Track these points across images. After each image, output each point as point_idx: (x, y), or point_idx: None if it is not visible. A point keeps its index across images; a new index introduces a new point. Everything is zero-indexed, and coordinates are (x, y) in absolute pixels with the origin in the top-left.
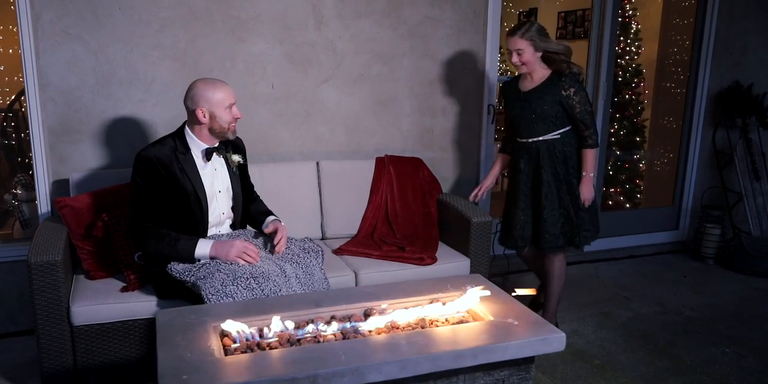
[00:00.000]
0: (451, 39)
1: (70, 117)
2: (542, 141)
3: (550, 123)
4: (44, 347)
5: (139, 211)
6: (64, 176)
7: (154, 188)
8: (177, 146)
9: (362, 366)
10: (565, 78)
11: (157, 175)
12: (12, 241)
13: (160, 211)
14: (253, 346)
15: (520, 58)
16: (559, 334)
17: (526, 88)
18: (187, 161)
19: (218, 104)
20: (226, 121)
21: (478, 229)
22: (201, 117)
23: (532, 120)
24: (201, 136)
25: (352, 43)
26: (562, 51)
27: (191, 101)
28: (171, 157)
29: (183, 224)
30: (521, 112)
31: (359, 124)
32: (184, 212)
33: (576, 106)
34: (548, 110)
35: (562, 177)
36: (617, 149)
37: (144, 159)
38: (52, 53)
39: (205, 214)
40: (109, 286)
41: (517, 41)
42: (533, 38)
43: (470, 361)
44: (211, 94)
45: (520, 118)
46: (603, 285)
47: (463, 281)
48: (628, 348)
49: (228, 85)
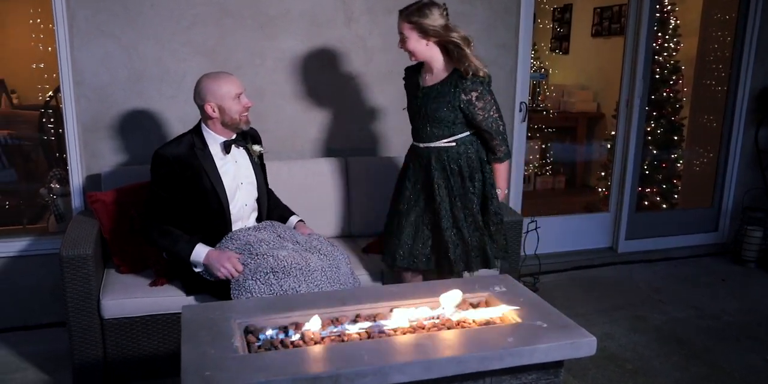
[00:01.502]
0: (482, 35)
1: (102, 113)
2: (434, 148)
3: (445, 128)
4: (75, 339)
5: (149, 206)
6: (97, 171)
7: (168, 186)
8: (195, 142)
9: (386, 366)
10: (466, 79)
11: (173, 174)
12: (47, 235)
13: (170, 209)
14: (276, 343)
15: (403, 45)
16: (590, 338)
17: (425, 83)
18: (206, 157)
19: (225, 96)
20: (236, 111)
21: (508, 229)
22: (210, 112)
23: (424, 122)
24: (216, 130)
25: (382, 40)
26: (457, 40)
27: (199, 98)
28: (189, 154)
29: (205, 221)
30: (417, 108)
31: (388, 121)
32: (205, 209)
33: (478, 113)
34: (444, 115)
35: (456, 192)
36: (654, 148)
37: (161, 157)
38: (86, 50)
39: (226, 210)
40: (138, 280)
41: (400, 24)
42: (418, 21)
43: (496, 364)
44: (216, 87)
45: (414, 115)
46: (637, 287)
47: (491, 281)
48: (662, 353)
49: (233, 75)
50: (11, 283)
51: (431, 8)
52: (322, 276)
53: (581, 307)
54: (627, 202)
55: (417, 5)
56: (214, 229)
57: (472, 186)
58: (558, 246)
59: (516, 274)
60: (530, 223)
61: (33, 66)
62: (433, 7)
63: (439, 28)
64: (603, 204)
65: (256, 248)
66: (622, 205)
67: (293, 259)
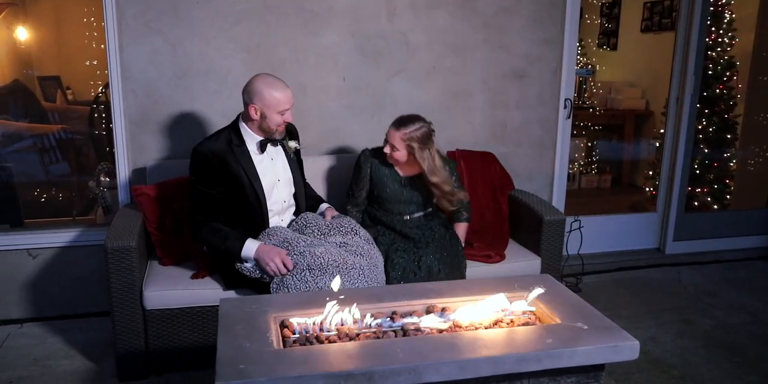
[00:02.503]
0: (527, 31)
1: (149, 108)
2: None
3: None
4: (119, 329)
5: (195, 204)
6: (142, 165)
7: (208, 183)
8: (232, 139)
9: (420, 365)
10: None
11: (212, 170)
12: (95, 226)
13: (214, 205)
14: (312, 338)
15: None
16: (632, 342)
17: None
18: (243, 154)
19: (271, 107)
20: (275, 123)
21: (550, 228)
22: (252, 113)
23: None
24: (253, 129)
25: (425, 35)
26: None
27: (247, 95)
28: (226, 150)
29: (242, 216)
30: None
31: (430, 117)
32: (243, 204)
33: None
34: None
35: None
36: (705, 147)
37: (199, 154)
38: (134, 46)
39: (264, 205)
40: (180, 273)
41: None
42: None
43: (534, 366)
44: (268, 94)
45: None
46: (685, 290)
47: (531, 281)
48: (711, 359)
49: (288, 89)
50: (62, 273)
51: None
52: (359, 274)
53: (625, 309)
54: (675, 201)
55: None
56: (252, 224)
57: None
58: (602, 246)
59: (558, 274)
60: (573, 222)
61: (87, 63)
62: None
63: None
64: (650, 204)
65: (293, 245)
66: (670, 205)
67: (330, 256)
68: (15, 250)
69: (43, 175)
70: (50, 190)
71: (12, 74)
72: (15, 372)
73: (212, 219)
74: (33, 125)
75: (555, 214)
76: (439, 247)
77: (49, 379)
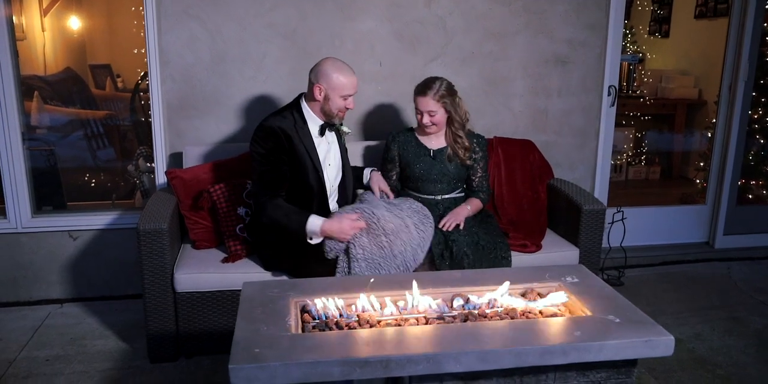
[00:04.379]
0: (570, 15)
1: (186, 93)
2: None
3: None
4: (150, 310)
5: (260, 180)
6: (180, 150)
7: (275, 158)
8: (296, 119)
9: (439, 354)
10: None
11: (280, 145)
12: (132, 210)
13: (282, 181)
14: (332, 324)
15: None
16: (667, 337)
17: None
18: (306, 134)
19: (336, 89)
20: (337, 107)
21: (589, 218)
22: (317, 93)
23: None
24: (315, 111)
25: (463, 20)
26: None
27: (314, 75)
28: (292, 128)
29: (303, 196)
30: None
31: (468, 104)
32: (305, 185)
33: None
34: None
35: None
36: (761, 138)
37: (268, 129)
38: (172, 32)
39: (324, 187)
40: (212, 256)
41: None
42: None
43: (560, 359)
44: (335, 76)
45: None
46: (735, 287)
47: (563, 271)
48: (760, 359)
49: (355, 76)
50: (100, 255)
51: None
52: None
53: (670, 304)
54: (726, 194)
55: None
56: (310, 206)
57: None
58: (648, 239)
59: (597, 266)
60: (616, 213)
61: (135, 51)
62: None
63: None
64: (700, 196)
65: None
66: (721, 197)
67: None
68: (57, 232)
69: (91, 160)
70: (97, 174)
71: (65, 62)
72: (52, 350)
73: (278, 194)
74: (80, 111)
75: (595, 203)
76: (470, 232)
77: (84, 359)
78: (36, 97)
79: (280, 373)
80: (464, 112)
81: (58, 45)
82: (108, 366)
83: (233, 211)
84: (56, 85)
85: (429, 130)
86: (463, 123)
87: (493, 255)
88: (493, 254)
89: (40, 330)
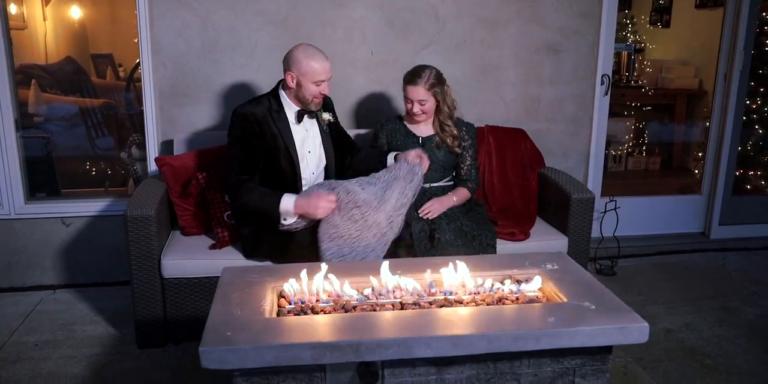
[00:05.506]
0: (563, 3)
1: (178, 81)
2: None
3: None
4: (138, 296)
5: (234, 164)
6: (172, 137)
7: (247, 143)
8: (272, 105)
9: (410, 338)
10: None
11: (252, 131)
12: (125, 197)
13: (254, 165)
14: (307, 309)
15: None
16: (641, 324)
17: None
18: (281, 120)
19: (307, 76)
20: (311, 93)
21: (578, 207)
22: (289, 81)
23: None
24: (291, 98)
25: (455, 8)
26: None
27: (286, 63)
28: (266, 114)
29: (277, 182)
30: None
31: (460, 92)
32: (277, 170)
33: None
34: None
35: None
36: (759, 127)
37: (240, 115)
38: (164, 20)
39: (298, 172)
40: (200, 242)
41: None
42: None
43: (532, 345)
44: (305, 63)
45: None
46: (730, 277)
47: (543, 258)
48: (750, 350)
49: (327, 61)
50: (93, 241)
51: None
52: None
53: (663, 294)
54: (722, 184)
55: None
56: (284, 190)
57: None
58: (642, 229)
59: (586, 255)
60: (608, 202)
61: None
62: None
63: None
64: (699, 187)
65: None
66: (716, 187)
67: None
68: (50, 218)
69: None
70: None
71: (67, 52)
72: (42, 336)
73: (252, 178)
74: (78, 99)
75: (584, 192)
76: (454, 219)
77: (72, 344)
78: (33, 85)
79: (251, 356)
80: (452, 100)
81: (60, 34)
82: (96, 351)
83: (221, 198)
84: (56, 74)
85: (418, 118)
86: (451, 111)
87: (478, 242)
88: (478, 241)
89: (31, 315)
